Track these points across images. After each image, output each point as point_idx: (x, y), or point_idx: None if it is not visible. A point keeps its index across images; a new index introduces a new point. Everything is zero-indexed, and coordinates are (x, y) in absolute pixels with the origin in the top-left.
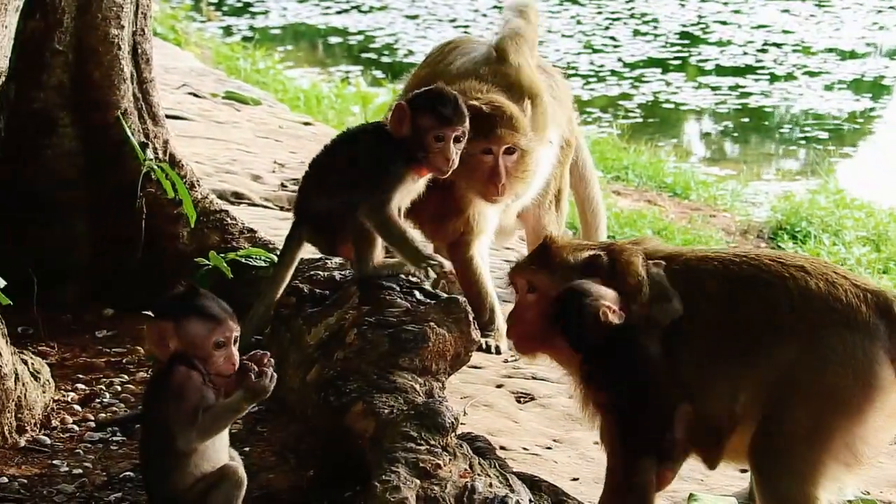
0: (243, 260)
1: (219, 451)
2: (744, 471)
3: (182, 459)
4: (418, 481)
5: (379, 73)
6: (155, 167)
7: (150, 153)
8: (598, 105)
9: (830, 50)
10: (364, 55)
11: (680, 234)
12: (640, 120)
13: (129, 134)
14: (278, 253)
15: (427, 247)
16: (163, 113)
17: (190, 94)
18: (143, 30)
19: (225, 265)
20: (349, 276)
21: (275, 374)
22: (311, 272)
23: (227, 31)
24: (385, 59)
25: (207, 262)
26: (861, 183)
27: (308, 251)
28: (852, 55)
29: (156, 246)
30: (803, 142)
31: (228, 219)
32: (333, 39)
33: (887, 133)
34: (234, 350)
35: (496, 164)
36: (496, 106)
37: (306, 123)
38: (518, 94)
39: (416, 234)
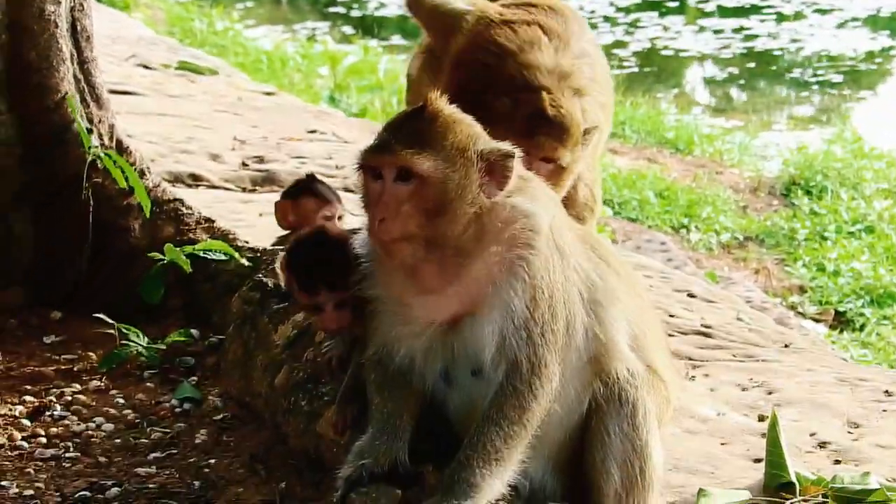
0: (202, 254)
1: None
2: (758, 461)
3: None
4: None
5: (348, 29)
6: (101, 155)
7: (95, 140)
8: None
9: None
10: (331, 9)
11: (684, 194)
12: (637, 70)
13: (78, 118)
14: (239, 243)
15: None
16: (107, 95)
17: (140, 65)
18: (81, 4)
19: (184, 258)
20: None
21: None
22: (276, 264)
23: None
24: (354, 13)
25: (163, 257)
26: (880, 130)
27: (270, 237)
28: None
29: (105, 241)
30: (816, 86)
31: (183, 208)
32: None
33: None
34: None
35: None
36: (561, 112)
37: (268, 93)
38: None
39: None
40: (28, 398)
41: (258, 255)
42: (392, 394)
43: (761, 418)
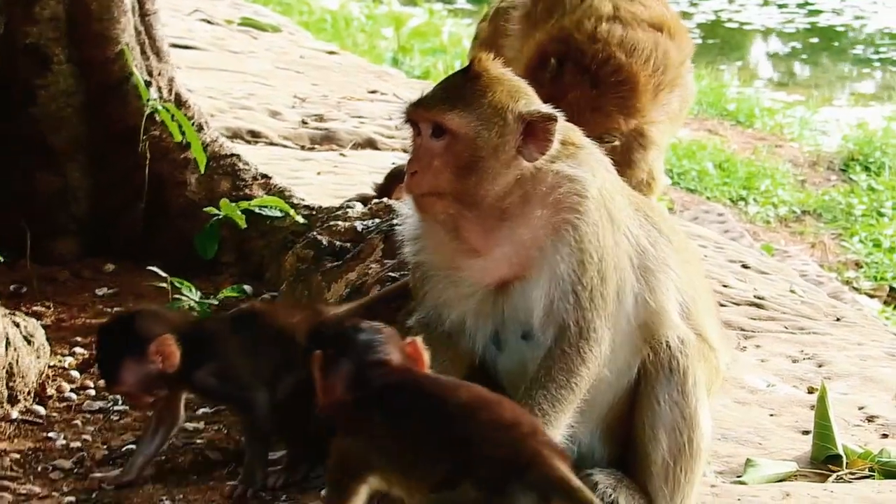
0: (257, 210)
1: None
2: (806, 433)
3: None
4: None
5: None
6: (159, 107)
7: (153, 92)
8: None
9: None
10: None
11: (743, 166)
12: (700, 41)
13: (134, 70)
14: (295, 201)
15: None
16: (167, 48)
17: (202, 20)
18: None
19: (239, 214)
20: (372, 226)
21: None
22: (331, 222)
23: None
24: None
25: (218, 212)
26: None
27: (327, 196)
28: None
29: (161, 194)
30: (878, 63)
31: (240, 164)
32: None
33: None
34: None
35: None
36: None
37: (331, 52)
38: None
39: None
40: (78, 350)
41: (314, 212)
42: (438, 357)
43: (811, 390)
